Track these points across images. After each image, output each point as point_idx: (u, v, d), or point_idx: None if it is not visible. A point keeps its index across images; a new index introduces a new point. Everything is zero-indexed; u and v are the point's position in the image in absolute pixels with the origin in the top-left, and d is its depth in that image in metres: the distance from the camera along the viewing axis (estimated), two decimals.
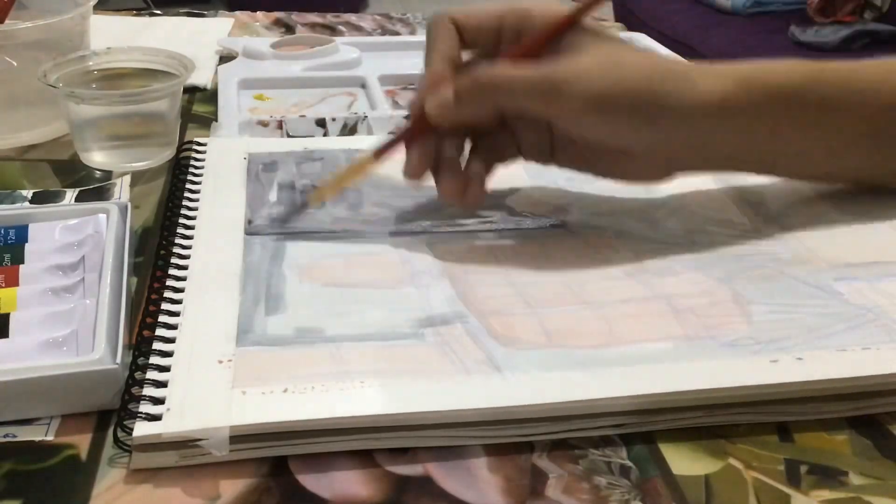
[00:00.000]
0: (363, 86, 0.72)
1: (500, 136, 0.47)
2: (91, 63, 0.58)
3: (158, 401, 0.34)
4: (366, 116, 0.63)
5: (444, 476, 0.34)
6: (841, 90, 0.46)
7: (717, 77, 0.44)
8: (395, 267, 0.44)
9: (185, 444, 0.33)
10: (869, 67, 0.47)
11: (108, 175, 0.55)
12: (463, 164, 0.46)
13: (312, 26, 0.90)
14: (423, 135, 0.45)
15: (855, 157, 0.49)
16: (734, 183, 0.53)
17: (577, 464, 0.34)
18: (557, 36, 0.44)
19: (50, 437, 0.35)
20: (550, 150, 0.47)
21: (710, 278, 0.44)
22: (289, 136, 0.61)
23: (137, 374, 0.35)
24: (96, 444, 0.34)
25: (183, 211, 0.47)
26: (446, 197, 0.46)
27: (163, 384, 0.35)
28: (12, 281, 0.41)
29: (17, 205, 0.50)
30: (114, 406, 0.35)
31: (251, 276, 0.42)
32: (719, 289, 0.43)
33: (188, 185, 0.50)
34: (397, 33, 0.88)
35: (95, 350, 0.35)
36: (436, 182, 0.46)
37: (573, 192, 0.52)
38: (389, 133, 0.47)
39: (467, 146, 0.47)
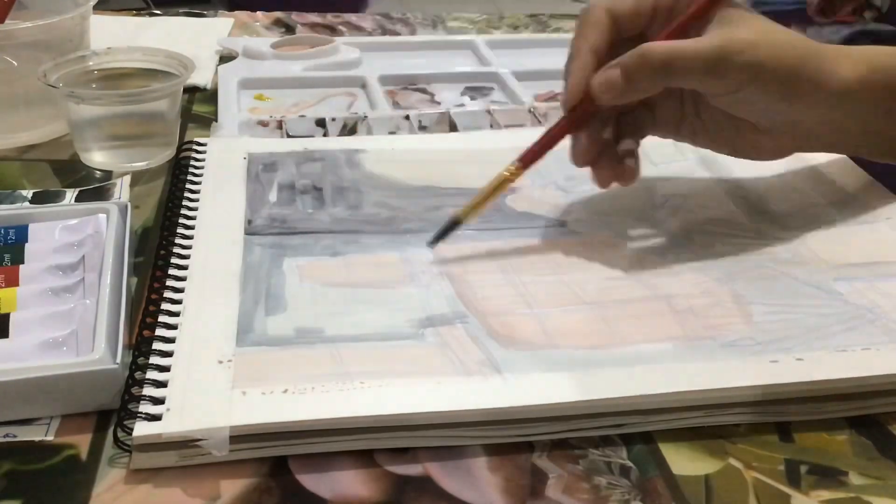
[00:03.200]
0: (363, 86, 0.72)
1: (639, 112, 0.48)
2: (91, 63, 0.58)
3: (158, 401, 0.34)
4: (366, 116, 0.63)
5: (444, 476, 0.34)
6: None
7: (855, 62, 0.45)
8: (395, 267, 0.44)
9: (185, 444, 0.33)
10: None
11: (108, 175, 0.55)
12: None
13: (312, 26, 0.90)
14: (577, 126, 0.46)
15: None
16: (734, 183, 0.53)
17: (577, 464, 0.34)
18: (708, 13, 0.44)
19: (50, 437, 0.35)
20: (679, 125, 0.48)
21: (710, 278, 0.44)
22: (289, 136, 0.61)
23: (137, 374, 0.35)
24: (96, 444, 0.34)
25: (183, 211, 0.47)
26: (607, 180, 0.47)
27: (163, 384, 0.35)
28: (12, 281, 0.41)
29: (17, 205, 0.50)
30: (114, 406, 0.35)
31: (251, 276, 0.42)
32: (719, 289, 0.43)
33: (188, 185, 0.50)
34: (397, 33, 0.88)
35: (95, 350, 0.35)
36: (593, 168, 0.47)
37: (573, 192, 0.52)
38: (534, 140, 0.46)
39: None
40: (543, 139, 0.46)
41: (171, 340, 0.37)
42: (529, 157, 0.45)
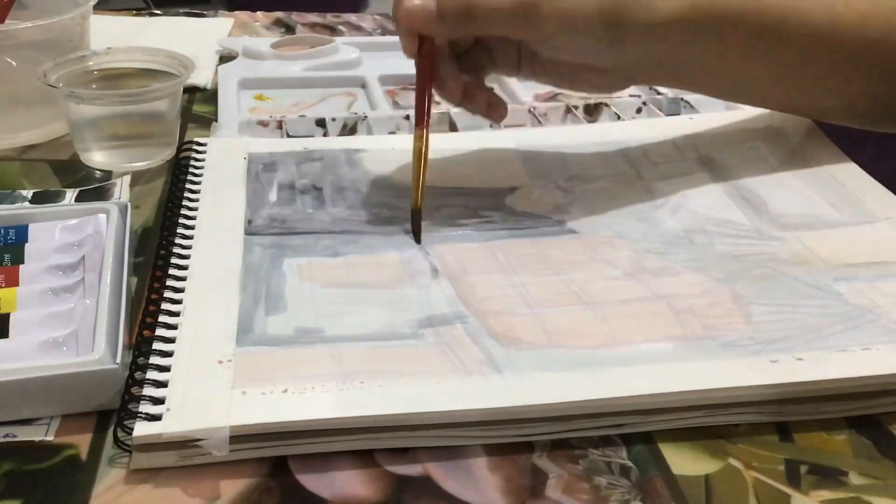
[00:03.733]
0: (363, 86, 0.72)
1: (476, 52, 0.50)
2: (91, 63, 0.58)
3: (158, 401, 0.34)
4: (366, 116, 0.63)
5: (444, 476, 0.34)
6: (784, 17, 0.49)
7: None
8: (395, 267, 0.44)
9: (185, 444, 0.33)
10: (804, 2, 0.50)
11: (108, 175, 0.55)
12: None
13: (312, 26, 0.90)
14: (433, 74, 0.47)
15: (797, 85, 0.52)
16: (734, 183, 0.53)
17: (577, 464, 0.34)
18: None
19: (50, 437, 0.35)
20: (518, 64, 0.51)
21: (709, 278, 0.44)
22: (289, 136, 0.61)
23: (137, 374, 0.35)
24: (96, 444, 0.34)
25: (183, 211, 0.47)
26: (482, 113, 0.50)
27: (163, 384, 0.35)
28: (12, 281, 0.41)
29: (17, 205, 0.50)
30: (114, 406, 0.35)
31: (251, 276, 0.42)
32: (719, 289, 0.43)
33: (188, 185, 0.50)
34: None
35: (95, 350, 0.35)
36: (465, 106, 0.50)
37: (573, 192, 0.52)
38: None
39: None
40: (417, 95, 0.47)
41: (171, 340, 0.37)
42: (421, 118, 0.47)
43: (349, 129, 0.62)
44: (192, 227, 0.46)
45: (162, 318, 0.39)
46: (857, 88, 0.52)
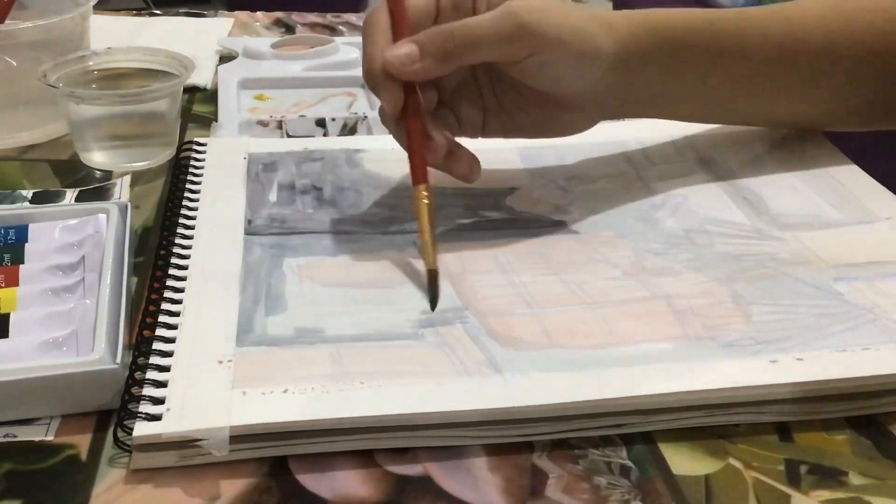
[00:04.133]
0: (363, 86, 0.72)
1: (443, 113, 0.49)
2: (91, 63, 0.58)
3: (158, 401, 0.34)
4: (366, 116, 0.63)
5: (444, 476, 0.34)
6: (732, 34, 0.50)
7: (631, 23, 0.47)
8: (395, 267, 0.44)
9: (185, 444, 0.33)
10: (758, 12, 0.51)
11: (108, 175, 0.55)
12: None
13: (312, 26, 0.90)
14: (422, 133, 0.45)
15: (767, 97, 0.53)
16: (734, 183, 0.53)
17: (577, 464, 0.34)
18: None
19: (50, 437, 0.35)
20: (485, 120, 0.50)
21: (709, 278, 0.44)
22: (289, 136, 0.61)
23: (137, 374, 0.35)
24: (96, 444, 0.34)
25: (183, 211, 0.47)
26: (461, 175, 0.48)
27: (163, 384, 0.35)
28: (12, 281, 0.41)
29: (17, 205, 0.50)
30: (114, 406, 0.35)
31: (251, 276, 0.42)
32: (719, 289, 0.43)
33: (188, 185, 0.50)
34: None
35: (95, 350, 0.35)
36: (445, 167, 0.47)
37: (573, 192, 0.52)
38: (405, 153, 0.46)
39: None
40: (413, 153, 0.45)
41: (171, 340, 0.37)
42: (423, 173, 0.44)
43: (349, 129, 0.62)
44: (192, 227, 0.46)
45: (162, 318, 0.39)
46: (826, 92, 0.53)
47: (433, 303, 0.41)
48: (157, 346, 0.37)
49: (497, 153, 0.56)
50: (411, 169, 0.45)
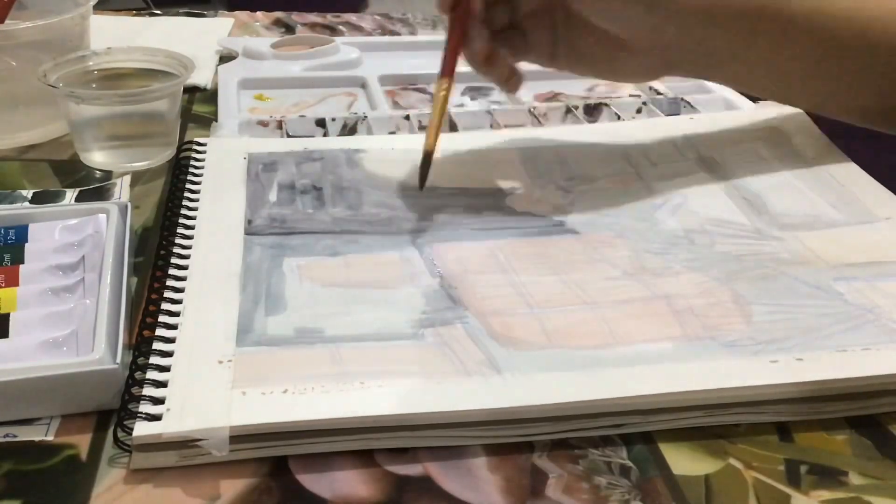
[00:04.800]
0: (363, 86, 0.72)
1: (511, 34, 0.51)
2: (91, 63, 0.58)
3: (158, 401, 0.34)
4: (366, 116, 0.63)
5: (444, 476, 0.34)
6: (812, 14, 0.49)
7: None
8: (395, 267, 0.44)
9: (185, 444, 0.33)
10: None
11: (108, 175, 0.55)
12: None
13: (312, 26, 0.90)
14: (464, 32, 0.49)
15: (829, 81, 0.51)
16: (734, 183, 0.53)
17: (577, 464, 0.34)
18: None
19: (50, 437, 0.35)
20: (553, 52, 0.51)
21: (709, 278, 0.44)
22: (289, 136, 0.61)
23: (137, 374, 0.35)
24: (96, 444, 0.34)
25: (183, 211, 0.47)
26: (499, 82, 0.51)
27: (163, 384, 0.35)
28: (12, 281, 0.41)
29: (17, 205, 0.50)
30: (114, 406, 0.35)
31: (251, 276, 0.42)
32: (719, 289, 0.43)
33: (188, 185, 0.50)
34: (397, 33, 0.88)
35: (95, 350, 0.35)
36: (486, 72, 0.50)
37: (573, 192, 0.52)
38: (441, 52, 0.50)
39: None
40: (449, 47, 0.49)
41: (171, 340, 0.37)
42: (450, 68, 0.49)
43: (349, 129, 0.62)
44: (192, 227, 0.46)
45: (162, 318, 0.39)
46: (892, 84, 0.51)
47: (421, 182, 0.46)
48: (157, 346, 0.37)
49: (497, 153, 0.56)
50: (442, 60, 0.49)
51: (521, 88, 0.52)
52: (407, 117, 0.63)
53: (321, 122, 0.62)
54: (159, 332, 0.38)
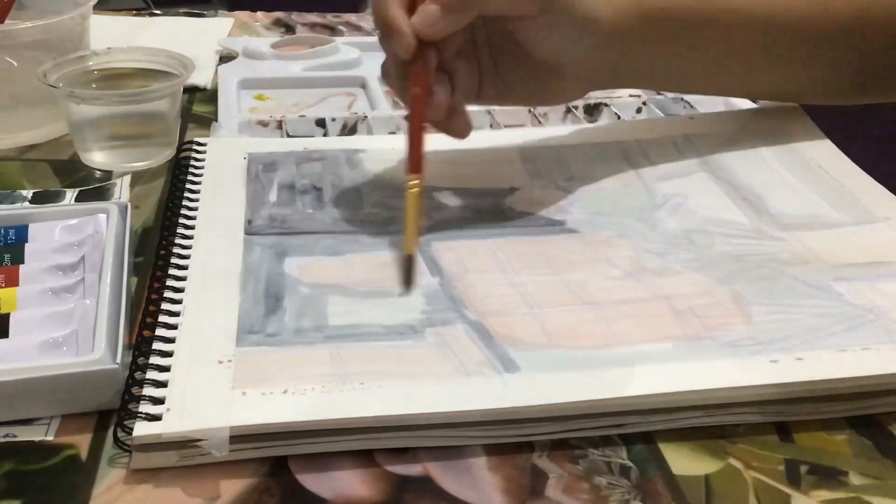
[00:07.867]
0: (363, 86, 0.72)
1: (437, 76, 0.49)
2: (91, 63, 0.58)
3: (158, 401, 0.34)
4: (366, 116, 0.63)
5: (444, 476, 0.34)
6: (720, 9, 0.51)
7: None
8: (395, 267, 0.44)
9: (185, 444, 0.33)
10: None
11: (108, 175, 0.55)
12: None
13: (312, 26, 0.90)
14: (423, 115, 0.47)
15: (762, 72, 0.55)
16: (734, 183, 0.53)
17: (577, 464, 0.34)
18: None
19: (50, 437, 0.35)
20: (479, 88, 0.51)
21: (709, 278, 0.44)
22: (289, 136, 0.61)
23: (137, 374, 0.35)
24: (96, 444, 0.34)
25: (183, 211, 0.47)
26: (454, 134, 0.50)
27: (163, 384, 0.35)
28: (12, 281, 0.41)
29: (17, 205, 0.50)
30: (114, 406, 0.35)
31: (251, 276, 0.42)
32: (719, 289, 0.43)
33: (188, 185, 0.50)
34: None
35: (95, 350, 0.35)
36: (442, 127, 0.49)
37: (573, 192, 0.52)
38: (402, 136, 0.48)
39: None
40: (412, 139, 0.46)
41: (171, 340, 0.37)
42: (416, 162, 0.45)
43: (349, 129, 0.62)
44: (192, 227, 0.46)
45: (162, 318, 0.39)
46: (820, 69, 0.54)
47: (407, 283, 0.42)
48: (157, 346, 0.37)
49: (497, 153, 0.56)
50: (407, 152, 0.46)
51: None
52: (407, 118, 0.63)
53: (321, 122, 0.62)
54: (159, 331, 0.38)
